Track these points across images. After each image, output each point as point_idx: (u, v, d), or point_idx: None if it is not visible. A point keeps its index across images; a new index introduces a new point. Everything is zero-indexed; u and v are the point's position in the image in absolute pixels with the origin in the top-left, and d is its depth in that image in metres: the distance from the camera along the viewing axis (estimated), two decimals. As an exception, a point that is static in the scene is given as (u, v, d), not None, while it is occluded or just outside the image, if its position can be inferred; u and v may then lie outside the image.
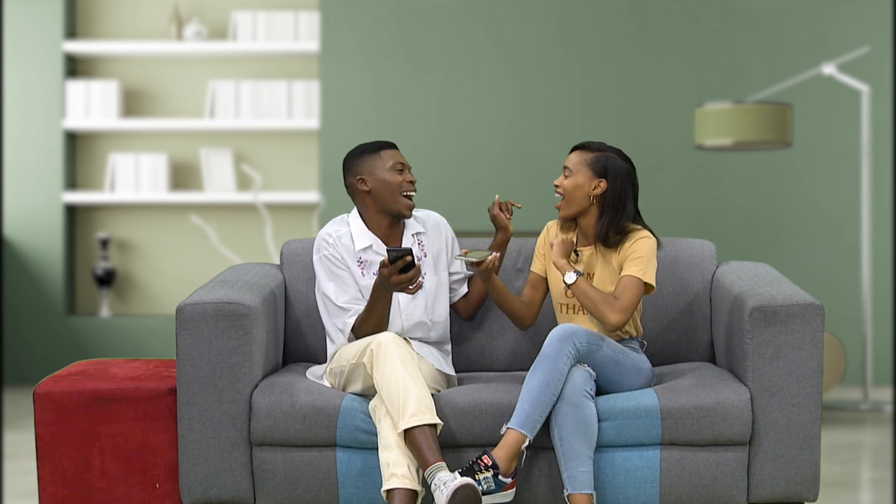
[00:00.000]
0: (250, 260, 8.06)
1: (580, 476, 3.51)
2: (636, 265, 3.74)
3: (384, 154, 3.86)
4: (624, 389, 3.70)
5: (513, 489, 3.50)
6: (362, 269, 3.86)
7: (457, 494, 3.36)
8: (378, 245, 3.88)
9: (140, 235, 8.11)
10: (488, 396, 3.63)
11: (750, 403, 3.61)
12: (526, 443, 3.50)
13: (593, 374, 3.62)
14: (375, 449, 3.59)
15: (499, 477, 3.47)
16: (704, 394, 3.61)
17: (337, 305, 3.82)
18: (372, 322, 3.76)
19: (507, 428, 3.51)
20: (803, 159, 7.74)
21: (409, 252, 3.61)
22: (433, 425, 3.49)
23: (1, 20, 6.41)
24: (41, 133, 7.90)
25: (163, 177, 7.93)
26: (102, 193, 7.93)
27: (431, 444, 3.46)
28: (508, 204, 3.98)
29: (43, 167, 7.90)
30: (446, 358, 3.95)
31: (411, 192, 3.87)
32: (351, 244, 3.87)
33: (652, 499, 3.60)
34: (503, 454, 3.48)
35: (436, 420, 3.49)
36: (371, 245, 3.87)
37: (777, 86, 7.39)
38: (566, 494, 3.52)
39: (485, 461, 3.47)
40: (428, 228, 3.98)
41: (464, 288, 4.04)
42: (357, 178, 3.87)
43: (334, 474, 3.62)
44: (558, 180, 3.83)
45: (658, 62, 7.78)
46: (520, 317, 3.94)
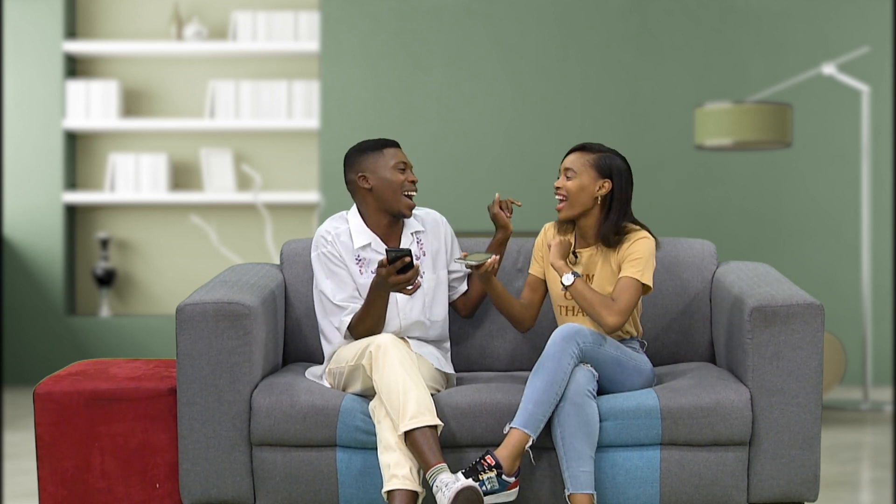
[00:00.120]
0: (250, 260, 8.06)
1: (581, 476, 3.51)
2: (634, 266, 3.73)
3: (387, 152, 3.84)
4: (625, 389, 3.70)
5: (516, 489, 3.50)
6: (360, 267, 3.85)
7: (458, 497, 3.36)
8: (377, 243, 3.87)
9: (140, 235, 8.11)
10: (488, 397, 3.63)
11: (750, 403, 3.61)
12: (529, 442, 3.50)
13: (596, 374, 3.62)
14: (375, 449, 3.59)
15: (502, 476, 3.47)
16: (704, 394, 3.61)
17: (333, 303, 3.81)
18: (369, 321, 3.75)
19: (511, 427, 3.51)
20: (803, 159, 7.74)
21: (408, 253, 3.61)
22: (433, 427, 3.49)
23: (1, 20, 6.40)
24: (41, 133, 7.90)
25: (163, 177, 7.92)
26: (102, 193, 7.93)
27: (432, 446, 3.46)
28: (508, 202, 3.98)
29: (43, 167, 7.89)
30: (445, 356, 3.94)
31: (412, 192, 3.86)
32: (349, 242, 3.86)
33: (652, 499, 3.60)
34: (506, 454, 3.48)
35: (436, 421, 3.49)
36: (370, 243, 3.86)
37: (777, 86, 7.39)
38: (567, 494, 3.52)
39: (488, 461, 3.47)
40: (427, 227, 3.97)
41: (463, 286, 4.03)
42: (359, 176, 3.86)
43: (334, 474, 3.62)
44: (559, 182, 3.80)
45: (658, 62, 7.78)
46: (519, 320, 3.93)
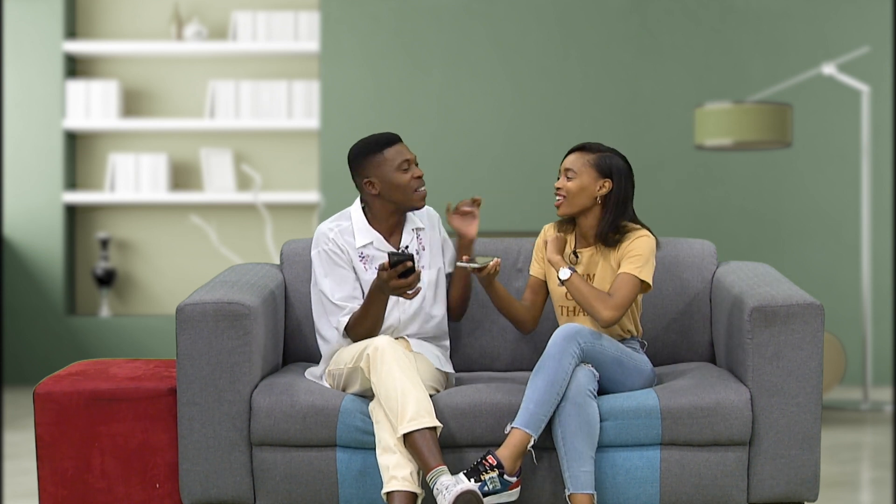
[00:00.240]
0: (250, 260, 8.06)
1: (582, 476, 3.51)
2: (633, 263, 3.74)
3: (388, 154, 3.80)
4: (626, 389, 3.70)
5: (517, 488, 3.50)
6: (364, 264, 3.84)
7: (458, 501, 3.36)
8: (379, 241, 3.86)
9: (140, 235, 8.11)
10: (488, 397, 3.63)
11: (750, 403, 3.61)
12: (531, 442, 3.50)
13: (597, 374, 3.62)
14: (375, 449, 3.59)
15: (504, 476, 3.47)
16: (704, 394, 3.61)
17: (332, 302, 3.79)
18: (367, 323, 3.75)
19: (512, 427, 3.51)
20: (803, 159, 7.74)
21: (410, 257, 3.60)
22: (433, 428, 3.48)
23: (1, 20, 6.40)
24: (41, 133, 7.90)
25: (163, 177, 7.92)
26: (102, 193, 7.92)
27: (432, 448, 3.45)
28: (459, 206, 3.92)
29: (43, 167, 7.89)
30: (445, 354, 3.94)
31: (421, 187, 3.83)
32: (352, 240, 3.85)
33: (652, 499, 3.60)
34: (508, 454, 3.48)
35: (435, 423, 3.48)
36: (371, 242, 3.86)
37: (777, 86, 7.38)
38: (568, 494, 3.51)
39: (489, 461, 3.47)
40: (425, 223, 3.97)
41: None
42: (365, 181, 3.83)
43: (334, 474, 3.62)
44: (559, 183, 3.80)
45: (658, 62, 7.78)
46: (521, 321, 3.93)
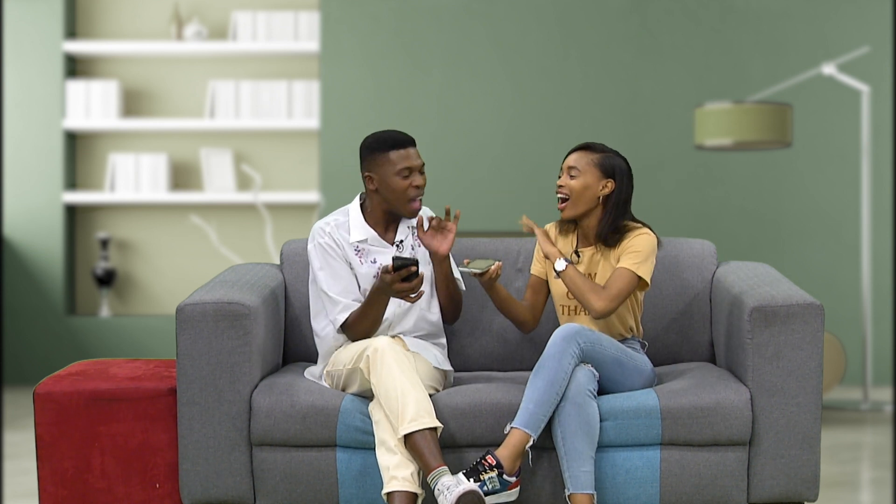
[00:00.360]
0: (250, 260, 8.06)
1: (582, 476, 3.51)
2: (631, 258, 3.75)
3: (392, 156, 3.78)
4: (626, 389, 3.70)
5: (517, 488, 3.50)
6: (360, 258, 3.85)
7: (461, 501, 3.36)
8: (374, 239, 3.86)
9: (140, 235, 8.11)
10: (488, 397, 3.63)
11: (750, 403, 3.61)
12: (530, 442, 3.49)
13: (596, 374, 3.62)
14: (375, 449, 3.59)
15: (503, 476, 3.47)
16: (704, 394, 3.61)
17: (328, 295, 3.80)
18: (366, 323, 3.75)
19: (512, 427, 3.51)
20: (803, 159, 7.74)
21: (415, 262, 3.60)
22: (433, 429, 3.48)
23: (1, 20, 6.40)
24: (41, 133, 7.90)
25: (163, 177, 7.92)
26: (102, 193, 7.92)
27: (433, 448, 3.45)
28: (434, 220, 3.84)
29: (43, 167, 7.89)
30: (442, 352, 3.94)
31: (418, 197, 3.81)
32: (347, 235, 3.86)
33: (652, 499, 3.60)
34: (507, 454, 3.48)
35: (436, 423, 3.48)
36: (367, 238, 3.86)
37: (777, 86, 7.38)
38: (567, 494, 3.51)
39: (489, 461, 3.47)
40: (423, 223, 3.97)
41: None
42: (366, 175, 3.84)
43: (334, 474, 3.62)
44: (562, 181, 3.81)
45: (658, 62, 7.78)
46: (522, 321, 3.94)
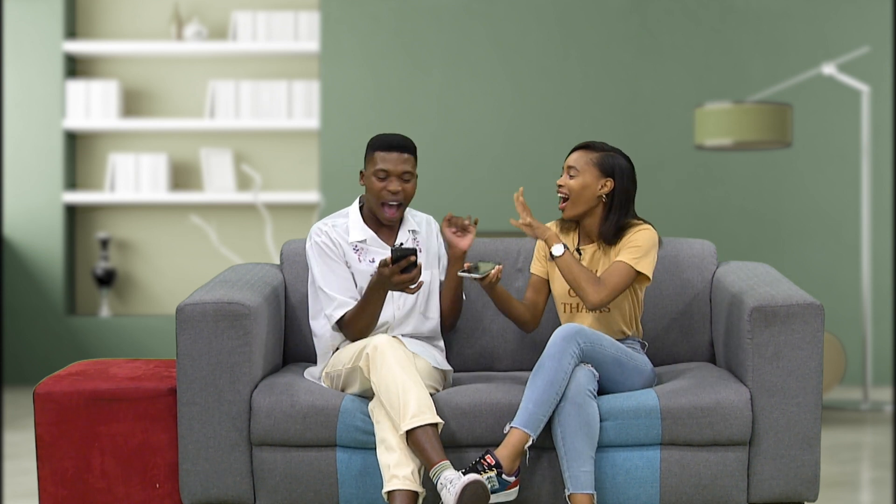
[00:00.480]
0: (250, 260, 8.06)
1: (582, 476, 3.50)
2: (631, 253, 3.76)
3: (376, 157, 3.82)
4: (626, 389, 3.70)
5: (516, 488, 3.50)
6: (359, 256, 3.86)
7: (466, 491, 3.36)
8: (372, 239, 3.88)
9: (140, 235, 8.11)
10: (489, 397, 3.63)
11: (750, 403, 3.61)
12: (529, 442, 3.50)
13: (596, 374, 3.62)
14: (375, 449, 3.59)
15: (502, 476, 3.47)
16: (704, 394, 3.61)
17: (324, 291, 3.82)
18: (363, 320, 3.76)
19: (511, 427, 3.51)
20: (803, 159, 7.74)
21: (413, 252, 3.61)
22: (435, 425, 3.49)
23: (1, 20, 6.40)
24: (41, 133, 7.90)
25: (163, 177, 7.92)
26: (102, 193, 7.92)
27: (434, 444, 3.46)
28: (459, 221, 3.88)
29: (43, 167, 7.89)
30: (441, 353, 3.95)
31: (392, 202, 3.82)
32: (346, 234, 3.88)
33: (652, 499, 3.60)
34: (507, 453, 3.48)
35: (437, 419, 3.49)
36: (365, 239, 3.88)
37: (777, 86, 7.38)
38: (567, 494, 3.51)
39: (488, 461, 3.47)
40: (423, 228, 3.98)
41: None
42: (360, 171, 3.90)
43: (334, 474, 3.62)
44: (562, 180, 3.82)
45: (658, 62, 7.78)
46: (524, 321, 3.94)
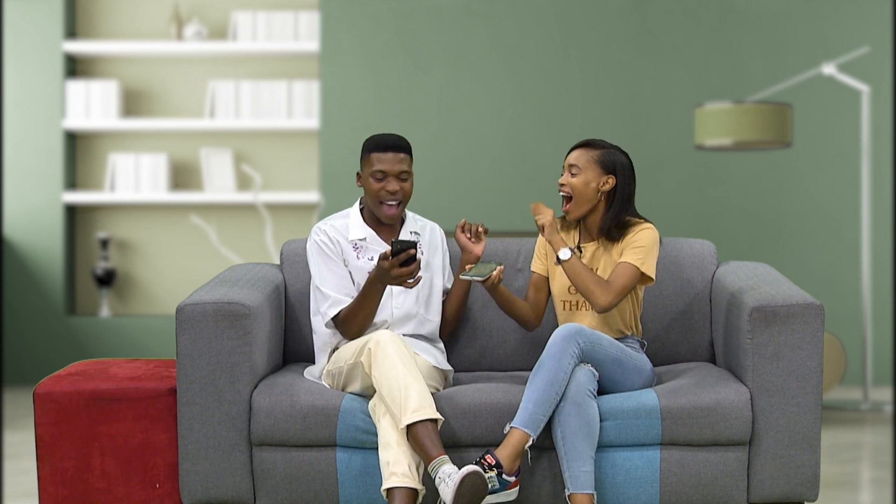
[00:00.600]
0: (250, 260, 8.06)
1: (582, 476, 3.51)
2: (635, 253, 3.76)
3: (373, 158, 3.84)
4: (625, 389, 3.70)
5: (516, 488, 3.50)
6: (358, 253, 3.87)
7: (464, 482, 3.36)
8: (372, 238, 3.89)
9: (140, 235, 8.11)
10: (489, 396, 3.63)
11: (750, 403, 3.61)
12: (530, 442, 3.50)
13: (596, 374, 3.62)
14: (375, 449, 3.59)
15: (502, 476, 3.47)
16: (704, 394, 3.61)
17: (320, 290, 3.83)
18: (361, 316, 3.76)
19: (511, 427, 3.51)
20: (803, 159, 7.74)
21: (413, 245, 3.62)
22: (434, 421, 3.49)
23: (1, 20, 6.41)
24: (41, 133, 7.90)
25: (163, 177, 7.92)
26: (102, 193, 7.92)
27: (434, 439, 3.46)
28: (473, 227, 3.92)
29: (43, 167, 7.89)
30: (441, 354, 3.96)
31: (391, 202, 3.84)
32: (347, 233, 3.89)
33: (652, 499, 3.60)
34: (507, 453, 3.48)
35: (437, 415, 3.49)
36: (365, 237, 3.89)
37: (777, 86, 7.38)
38: (567, 494, 3.51)
39: (488, 460, 3.47)
40: (425, 233, 3.99)
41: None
42: (357, 172, 3.91)
43: (334, 474, 3.62)
44: (563, 179, 3.83)
45: (658, 62, 7.78)
46: (526, 320, 3.95)
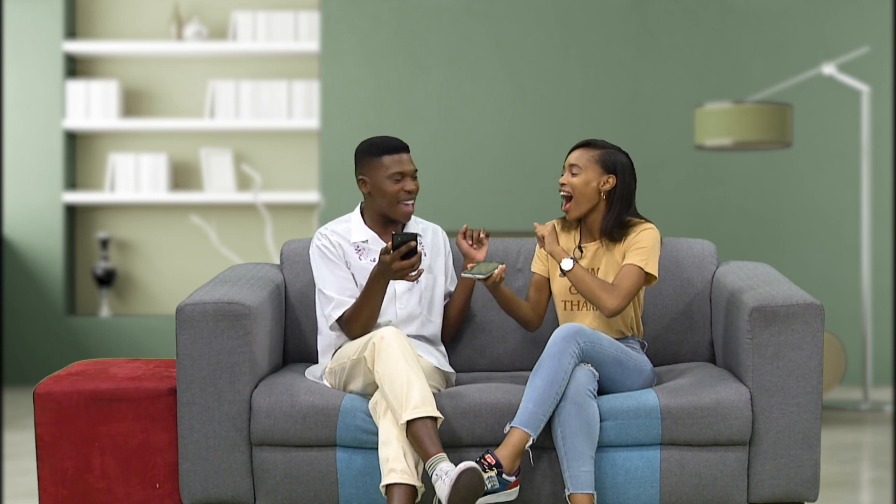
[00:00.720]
0: (250, 260, 8.06)
1: (582, 476, 3.51)
2: (639, 255, 3.76)
3: (385, 161, 3.82)
4: (625, 389, 3.70)
5: (516, 488, 3.50)
6: (360, 255, 3.88)
7: (461, 479, 3.36)
8: (374, 240, 3.89)
9: (140, 235, 8.11)
10: (489, 396, 3.63)
11: (750, 403, 3.61)
12: (530, 442, 3.50)
13: (596, 374, 3.62)
14: (375, 449, 3.59)
15: (502, 476, 3.47)
16: (704, 394, 3.61)
17: (323, 293, 3.83)
18: (364, 314, 3.76)
19: (511, 427, 3.51)
20: (803, 159, 7.74)
21: (414, 237, 3.62)
22: (434, 419, 3.49)
23: (1, 20, 6.41)
24: (41, 133, 7.90)
25: (163, 177, 7.92)
26: (102, 193, 7.93)
27: (433, 437, 3.46)
28: (475, 233, 3.93)
29: (43, 167, 7.89)
30: (443, 357, 3.96)
31: (409, 201, 3.85)
32: (349, 236, 3.89)
33: (652, 499, 3.60)
34: (507, 453, 3.48)
35: (437, 413, 3.49)
36: (367, 240, 3.89)
37: (777, 86, 7.38)
38: (567, 494, 3.51)
39: (488, 460, 3.47)
40: (427, 235, 4.00)
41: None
42: (359, 178, 3.88)
43: (334, 474, 3.62)
44: (564, 178, 3.83)
45: (658, 62, 7.78)
46: (527, 320, 3.96)
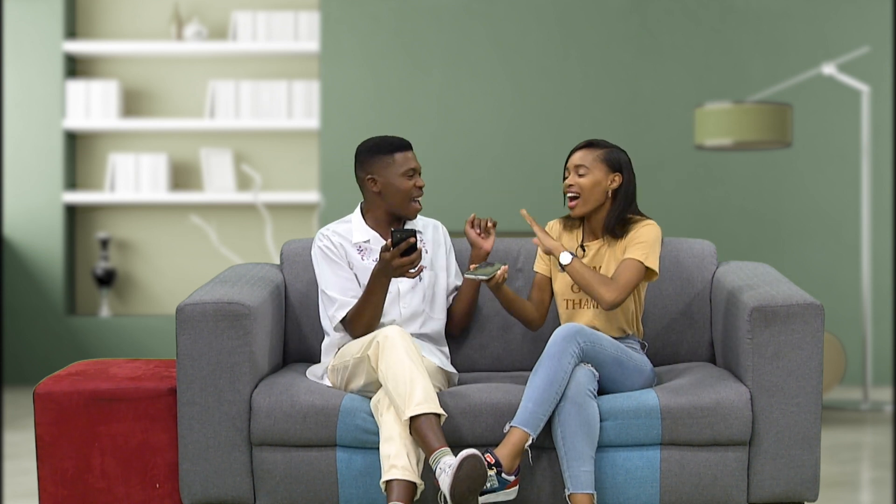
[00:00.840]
0: (250, 260, 8.06)
1: (582, 476, 3.51)
2: (639, 249, 3.77)
3: (398, 158, 3.85)
4: (625, 389, 3.70)
5: (516, 487, 3.50)
6: (362, 255, 3.88)
7: (463, 466, 3.35)
8: (376, 240, 3.90)
9: (140, 235, 8.11)
10: (489, 396, 3.63)
11: (750, 403, 3.61)
12: (529, 441, 3.50)
13: (596, 374, 3.62)
14: (376, 449, 3.59)
15: (502, 475, 3.47)
16: (704, 394, 3.61)
17: (326, 294, 3.84)
18: (367, 314, 3.76)
19: (511, 426, 3.51)
20: (803, 159, 7.74)
21: (413, 233, 3.63)
22: (438, 416, 3.50)
23: (1, 20, 6.41)
24: (41, 133, 7.90)
25: (163, 177, 7.92)
26: (102, 193, 7.93)
27: (437, 432, 3.46)
28: (482, 222, 3.98)
29: (43, 167, 7.89)
30: (446, 357, 3.96)
31: (419, 197, 3.89)
32: (350, 236, 3.90)
33: (652, 499, 3.60)
34: (506, 452, 3.48)
35: (441, 411, 3.50)
36: (369, 240, 3.90)
37: (777, 86, 7.38)
38: (567, 494, 3.52)
39: (488, 459, 3.47)
40: (428, 231, 4.00)
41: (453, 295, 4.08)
42: (367, 177, 3.88)
43: (334, 474, 3.62)
44: (570, 180, 3.84)
45: (658, 62, 7.78)
46: (530, 320, 3.96)
